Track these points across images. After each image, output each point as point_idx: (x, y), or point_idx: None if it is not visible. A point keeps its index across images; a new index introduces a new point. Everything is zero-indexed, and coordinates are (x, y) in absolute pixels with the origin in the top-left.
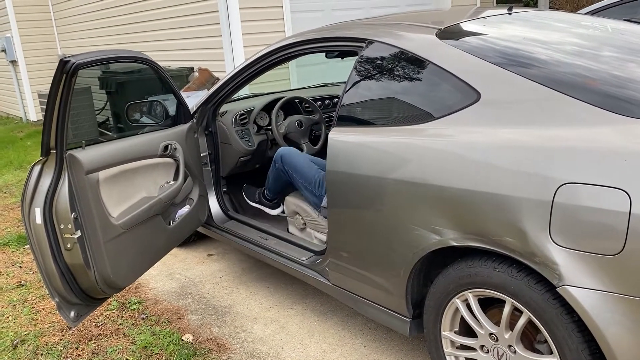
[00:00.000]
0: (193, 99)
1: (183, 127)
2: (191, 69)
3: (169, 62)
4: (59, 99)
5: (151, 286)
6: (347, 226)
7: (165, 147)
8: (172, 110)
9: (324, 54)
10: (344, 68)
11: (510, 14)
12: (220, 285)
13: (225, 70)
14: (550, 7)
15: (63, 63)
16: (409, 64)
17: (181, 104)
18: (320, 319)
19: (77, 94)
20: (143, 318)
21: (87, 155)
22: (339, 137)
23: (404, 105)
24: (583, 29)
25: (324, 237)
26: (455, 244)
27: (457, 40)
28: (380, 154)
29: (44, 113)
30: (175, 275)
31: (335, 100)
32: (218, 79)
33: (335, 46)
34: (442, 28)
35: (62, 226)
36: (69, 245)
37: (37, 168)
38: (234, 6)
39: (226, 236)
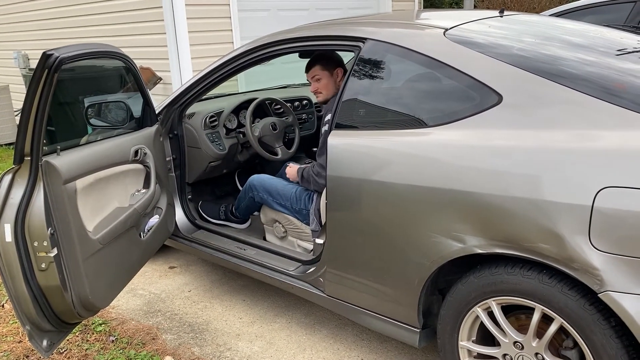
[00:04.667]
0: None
1: (150, 130)
2: None
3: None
4: (37, 98)
5: (114, 304)
6: (351, 234)
7: (136, 152)
8: (136, 112)
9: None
10: (290, 70)
11: (502, 16)
12: (190, 300)
13: (169, 70)
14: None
15: (46, 57)
16: (416, 64)
17: (148, 105)
18: (309, 332)
19: None
20: (112, 341)
21: (63, 162)
22: (342, 140)
23: (417, 108)
24: (583, 33)
25: (309, 246)
26: (480, 251)
27: (466, 40)
28: (392, 158)
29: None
30: (138, 291)
31: (305, 102)
32: (161, 79)
33: (327, 45)
34: (448, 28)
35: (36, 244)
36: (43, 265)
37: (8, 178)
38: (179, 2)
39: (196, 247)
